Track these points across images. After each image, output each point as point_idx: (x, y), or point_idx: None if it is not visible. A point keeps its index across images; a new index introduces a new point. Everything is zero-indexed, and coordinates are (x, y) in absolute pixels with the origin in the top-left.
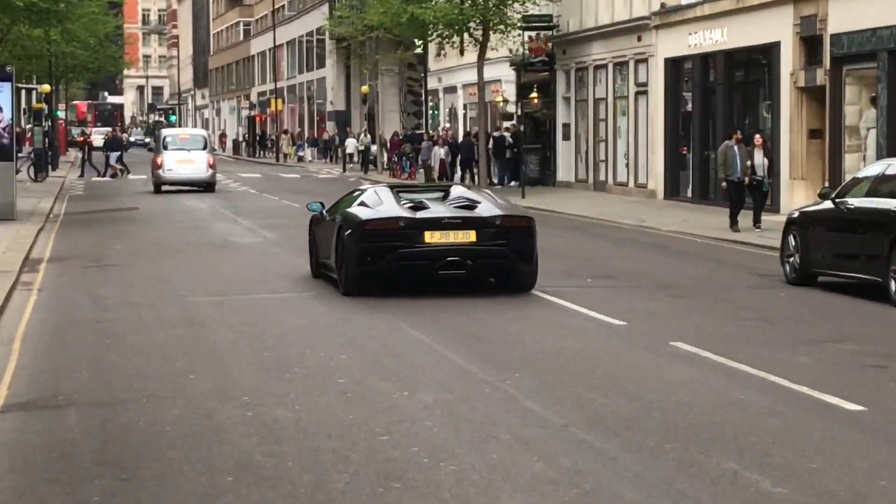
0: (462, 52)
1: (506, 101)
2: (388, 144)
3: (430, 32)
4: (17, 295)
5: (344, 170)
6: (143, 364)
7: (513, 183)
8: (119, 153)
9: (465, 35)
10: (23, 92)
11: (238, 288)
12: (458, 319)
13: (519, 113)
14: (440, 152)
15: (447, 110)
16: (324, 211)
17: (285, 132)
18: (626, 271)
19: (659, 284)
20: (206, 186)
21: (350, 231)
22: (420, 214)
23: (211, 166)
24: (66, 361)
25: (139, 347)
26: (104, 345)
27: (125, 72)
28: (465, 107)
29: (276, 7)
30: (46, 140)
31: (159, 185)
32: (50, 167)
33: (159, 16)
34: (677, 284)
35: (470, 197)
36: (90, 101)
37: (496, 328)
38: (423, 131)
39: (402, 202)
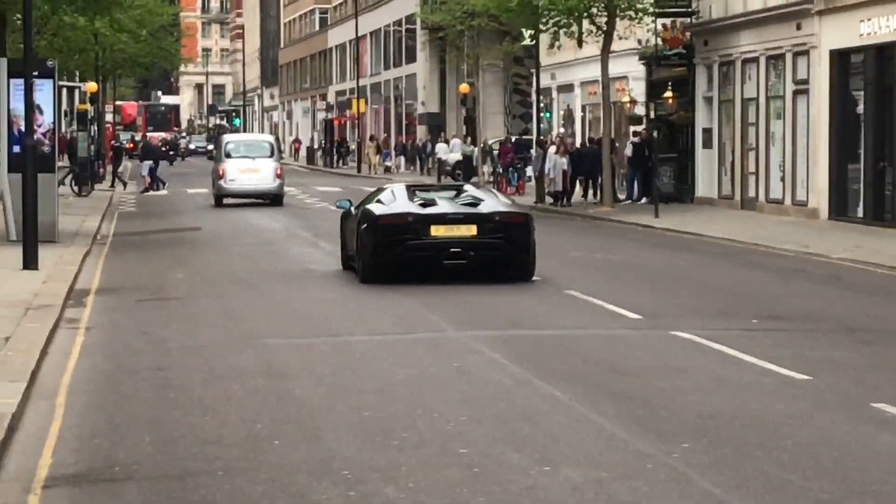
0: (580, 44)
1: (634, 102)
2: (497, 152)
3: (543, 20)
4: (60, 335)
5: (438, 182)
6: (217, 426)
7: (643, 199)
8: (152, 163)
9: (586, 23)
10: (64, 91)
11: (325, 328)
12: (597, 372)
13: (651, 116)
14: (562, 162)
15: (561, 113)
16: (352, 208)
17: (372, 138)
18: (798, 310)
19: (842, 327)
20: (273, 199)
21: (366, 225)
22: (427, 210)
23: (278, 176)
24: (122, 421)
25: (210, 404)
26: (167, 400)
27: (181, 68)
28: (583, 108)
29: None
30: (92, 147)
31: (221, 198)
32: (102, 178)
33: (221, 3)
34: (865, 327)
35: (476, 195)
36: (140, 102)
37: (648, 383)
38: (533, 137)
39: (415, 199)
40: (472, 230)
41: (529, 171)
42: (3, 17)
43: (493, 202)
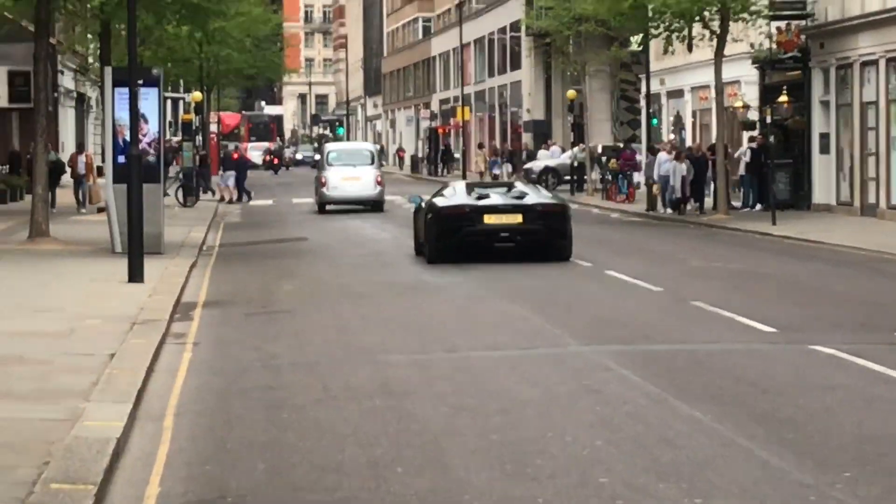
0: (690, 49)
1: (746, 107)
2: (604, 159)
3: (655, 24)
4: (167, 351)
5: (548, 189)
6: (334, 450)
7: (757, 206)
8: (234, 174)
9: (698, 26)
10: (168, 102)
11: (443, 343)
12: (737, 390)
13: (769, 120)
14: (682, 168)
15: (671, 118)
16: (422, 203)
17: (480, 146)
18: None
19: None
20: (374, 205)
21: (431, 215)
22: (482, 202)
23: (379, 183)
24: (233, 446)
25: (326, 427)
26: (281, 422)
27: (285, 78)
28: (693, 114)
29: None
30: (197, 158)
31: (324, 205)
32: (201, 189)
33: (324, 13)
34: None
35: (523, 190)
36: (243, 112)
37: (794, 403)
38: (643, 143)
39: (472, 194)
40: (518, 218)
41: (637, 177)
42: (107, 25)
43: (536, 195)
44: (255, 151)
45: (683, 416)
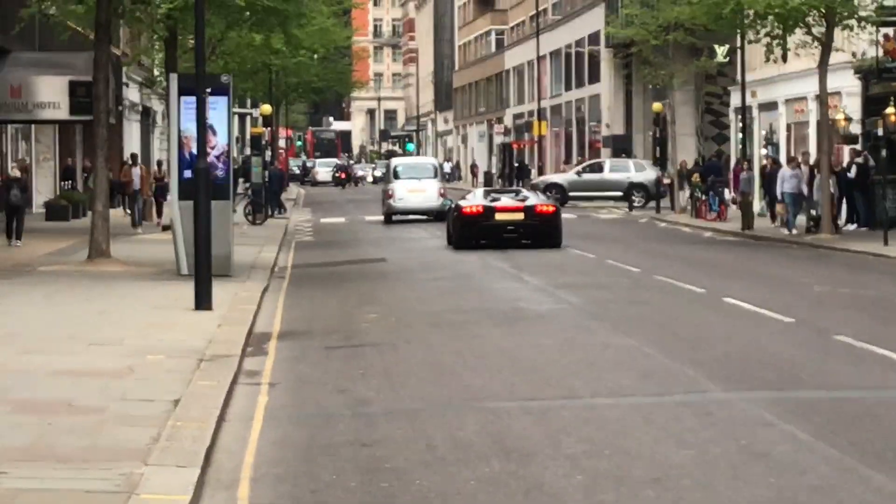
0: (785, 58)
1: (849, 120)
2: (694, 174)
3: (756, 29)
4: (239, 394)
5: (630, 208)
6: None
7: (864, 227)
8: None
9: (800, 33)
10: (236, 118)
11: (558, 386)
12: None
13: (880, 133)
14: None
15: (763, 132)
16: (452, 204)
17: (567, 161)
18: None
19: None
20: (437, 216)
21: (456, 213)
22: (494, 203)
23: (442, 195)
24: None
25: (437, 501)
26: (380, 493)
27: (353, 93)
28: (788, 127)
29: (538, 10)
30: (267, 173)
31: (390, 216)
32: (270, 206)
33: (393, 27)
34: None
35: (525, 195)
36: (311, 128)
37: None
38: (732, 157)
39: (487, 197)
40: (520, 215)
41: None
42: (174, 32)
43: (535, 199)
44: (323, 168)
45: (885, 493)
